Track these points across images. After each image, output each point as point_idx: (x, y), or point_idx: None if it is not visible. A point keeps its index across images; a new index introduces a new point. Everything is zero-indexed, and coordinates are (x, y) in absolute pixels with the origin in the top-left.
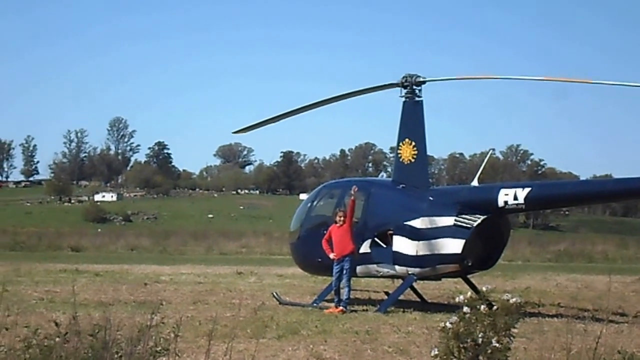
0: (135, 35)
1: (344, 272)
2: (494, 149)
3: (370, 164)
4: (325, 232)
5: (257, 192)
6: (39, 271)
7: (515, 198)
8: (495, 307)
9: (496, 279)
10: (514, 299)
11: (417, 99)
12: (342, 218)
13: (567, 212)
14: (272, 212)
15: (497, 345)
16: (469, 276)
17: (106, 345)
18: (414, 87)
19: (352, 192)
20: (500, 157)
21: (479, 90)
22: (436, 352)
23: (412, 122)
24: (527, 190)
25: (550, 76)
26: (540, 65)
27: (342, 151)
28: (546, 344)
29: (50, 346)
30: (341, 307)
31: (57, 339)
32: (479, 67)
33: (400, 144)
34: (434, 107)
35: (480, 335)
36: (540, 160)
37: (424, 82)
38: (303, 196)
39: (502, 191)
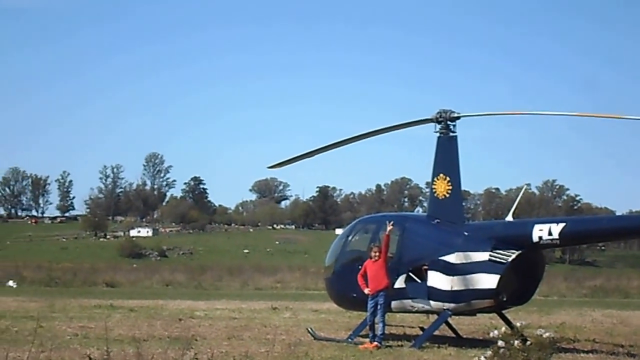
0: (170, 66)
1: (379, 307)
2: (529, 184)
3: (406, 199)
4: (360, 267)
5: (293, 227)
6: (74, 307)
7: (550, 233)
8: (529, 342)
9: (531, 314)
10: (547, 334)
11: (451, 134)
12: (377, 253)
13: (603, 248)
14: (308, 247)
15: None
16: (504, 311)
17: None
18: (449, 122)
19: (387, 227)
20: (536, 192)
21: (515, 125)
22: None
23: (447, 158)
24: (562, 225)
25: (583, 112)
26: (587, 97)
27: (378, 186)
28: None
29: None
30: (376, 343)
31: None
32: (517, 98)
33: (435, 179)
34: (469, 142)
35: None
36: (576, 195)
37: (458, 118)
38: (339, 231)
39: (537, 226)
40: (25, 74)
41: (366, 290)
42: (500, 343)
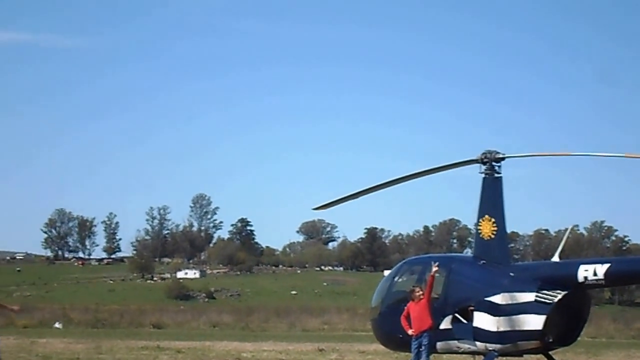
0: (218, 107)
1: (422, 347)
2: (577, 225)
3: (454, 240)
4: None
5: (341, 268)
6: (121, 348)
7: (595, 274)
8: None
9: (579, 355)
10: None
11: (496, 175)
12: (419, 293)
13: None
14: (356, 288)
15: None
16: (550, 352)
17: None
18: (493, 163)
19: (432, 268)
20: (585, 233)
21: (563, 165)
22: None
23: (492, 198)
24: (607, 265)
25: (632, 153)
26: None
27: (426, 227)
28: None
29: None
30: None
31: None
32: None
33: (480, 220)
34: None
35: None
36: (625, 236)
37: (503, 159)
38: (387, 273)
39: (582, 267)
40: (72, 113)
41: (410, 332)
42: None
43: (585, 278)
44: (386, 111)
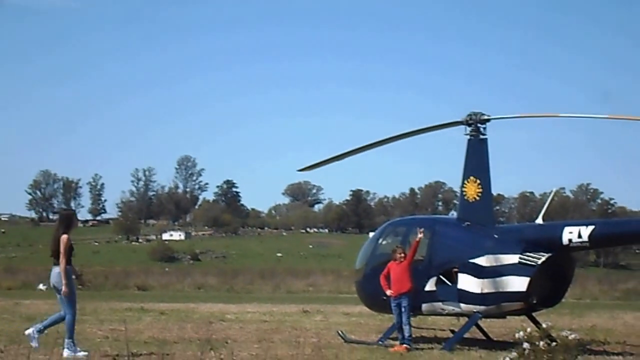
0: (203, 73)
1: (403, 309)
2: (562, 188)
3: (440, 203)
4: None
5: (326, 230)
6: (105, 310)
7: (580, 236)
8: (555, 344)
9: (563, 316)
10: (573, 336)
11: (481, 136)
12: (401, 255)
13: (637, 251)
14: (342, 250)
15: None
16: (534, 314)
17: None
18: (479, 125)
19: (418, 233)
20: (571, 195)
21: (549, 128)
22: None
23: (477, 160)
24: (591, 228)
25: (615, 114)
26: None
27: (412, 190)
28: None
29: None
30: (405, 345)
31: None
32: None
33: (465, 181)
34: (504, 146)
35: None
36: (611, 198)
37: (488, 120)
38: (372, 235)
39: (567, 229)
40: (56, 75)
41: (388, 292)
42: (526, 345)
43: (570, 240)
44: (372, 73)
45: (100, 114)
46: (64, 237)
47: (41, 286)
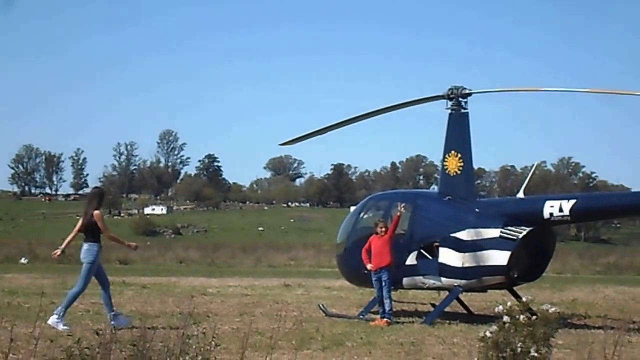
0: (184, 47)
1: (383, 283)
2: (544, 162)
3: (421, 177)
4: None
5: (308, 204)
6: None
7: (561, 210)
8: (535, 317)
9: (544, 290)
10: (553, 309)
11: (462, 111)
12: (382, 229)
13: (618, 225)
14: (323, 224)
15: (536, 354)
16: (515, 288)
17: (145, 355)
18: (460, 99)
19: (399, 208)
20: (552, 169)
21: (530, 102)
22: None
23: (458, 134)
24: (573, 202)
25: (596, 88)
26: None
27: (393, 164)
28: (590, 356)
29: (92, 356)
30: (386, 319)
31: (98, 349)
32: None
33: (446, 155)
34: (486, 119)
35: (519, 345)
36: (592, 172)
37: (469, 94)
38: (353, 209)
39: (548, 203)
40: (37, 49)
41: (369, 266)
42: (506, 318)
43: (551, 214)
44: (354, 44)
45: (83, 88)
46: (97, 213)
47: (23, 260)
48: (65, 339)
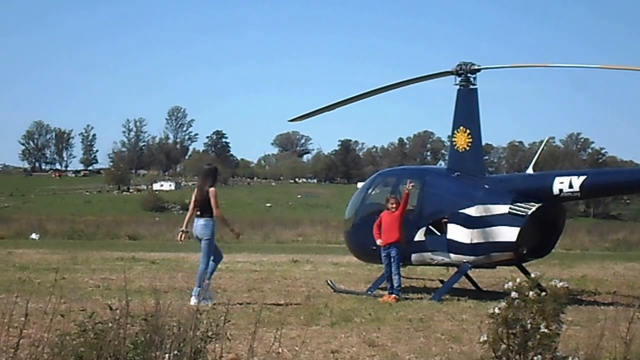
0: (193, 26)
1: (392, 259)
2: (552, 138)
3: (428, 153)
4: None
5: (315, 180)
6: (96, 259)
7: (571, 186)
8: (544, 293)
9: (553, 267)
10: (561, 285)
11: (471, 86)
12: (393, 205)
13: (628, 201)
14: (330, 200)
15: (546, 331)
16: (524, 264)
17: (157, 330)
18: (469, 74)
19: (407, 186)
20: (561, 145)
21: (538, 78)
22: (485, 338)
23: (467, 110)
24: (583, 178)
25: (607, 64)
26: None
27: (401, 140)
28: (599, 332)
29: (105, 330)
30: (394, 295)
31: (111, 324)
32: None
33: (455, 131)
34: (494, 95)
35: (528, 321)
36: (601, 148)
37: (478, 70)
38: (361, 185)
39: (557, 179)
40: (49, 28)
41: (378, 242)
42: (514, 294)
43: (561, 190)
44: (363, 22)
45: (93, 65)
46: (212, 190)
47: (34, 235)
48: (76, 314)
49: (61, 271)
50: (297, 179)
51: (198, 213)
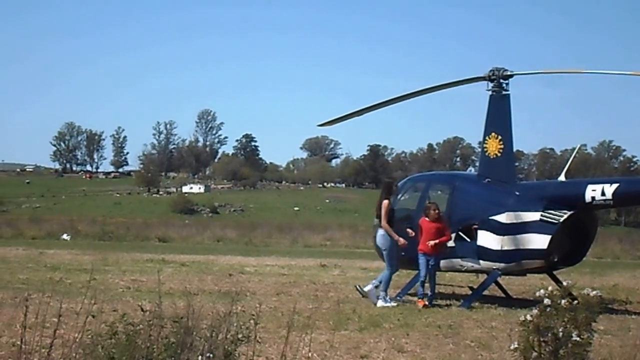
0: (223, 27)
1: (430, 267)
2: (584, 145)
3: (458, 159)
4: (409, 225)
5: (343, 185)
6: (126, 260)
7: (603, 194)
8: (576, 302)
9: (584, 275)
10: (594, 293)
11: (504, 92)
12: (436, 212)
13: None
14: (358, 205)
15: (578, 339)
16: (555, 272)
17: (189, 332)
18: (501, 80)
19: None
20: (592, 153)
21: (571, 84)
22: (516, 346)
23: (499, 116)
24: (615, 186)
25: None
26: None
27: (430, 145)
28: (631, 341)
29: (136, 332)
30: (423, 301)
31: (142, 326)
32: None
33: (487, 138)
34: (525, 102)
35: (560, 330)
36: (633, 156)
37: (511, 76)
38: None
39: (590, 187)
40: (82, 29)
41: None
42: (546, 301)
43: (593, 198)
44: (394, 30)
45: (126, 68)
46: (385, 202)
47: (65, 236)
48: (107, 315)
49: (92, 272)
50: (325, 184)
51: (377, 223)
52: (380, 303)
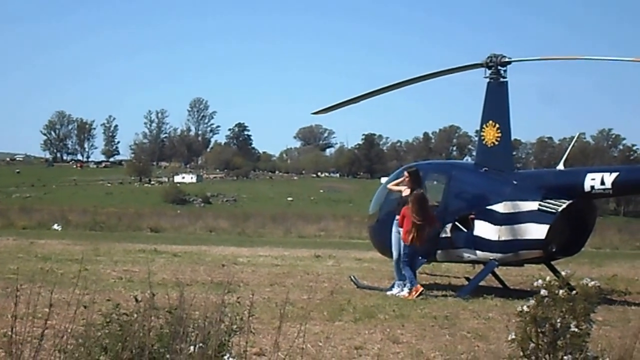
0: (215, 15)
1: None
2: (583, 133)
3: (454, 147)
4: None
5: (338, 175)
6: (118, 251)
7: (603, 183)
8: (574, 292)
9: (582, 266)
10: (592, 283)
11: (501, 79)
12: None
13: None
14: (352, 195)
15: (576, 330)
16: (553, 262)
17: (182, 322)
18: (499, 67)
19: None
20: (591, 141)
21: (569, 72)
22: (513, 337)
23: (497, 104)
24: (615, 175)
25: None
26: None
27: (426, 134)
28: (630, 332)
29: (130, 321)
30: (416, 287)
31: (136, 315)
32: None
33: (484, 126)
34: (522, 89)
35: (558, 320)
36: (633, 145)
37: (509, 63)
38: (384, 180)
39: (589, 175)
40: (72, 18)
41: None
42: (543, 292)
43: (592, 187)
44: (387, 14)
45: (115, 56)
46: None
47: (56, 226)
48: (99, 305)
49: (83, 262)
50: (319, 174)
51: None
52: (395, 291)
